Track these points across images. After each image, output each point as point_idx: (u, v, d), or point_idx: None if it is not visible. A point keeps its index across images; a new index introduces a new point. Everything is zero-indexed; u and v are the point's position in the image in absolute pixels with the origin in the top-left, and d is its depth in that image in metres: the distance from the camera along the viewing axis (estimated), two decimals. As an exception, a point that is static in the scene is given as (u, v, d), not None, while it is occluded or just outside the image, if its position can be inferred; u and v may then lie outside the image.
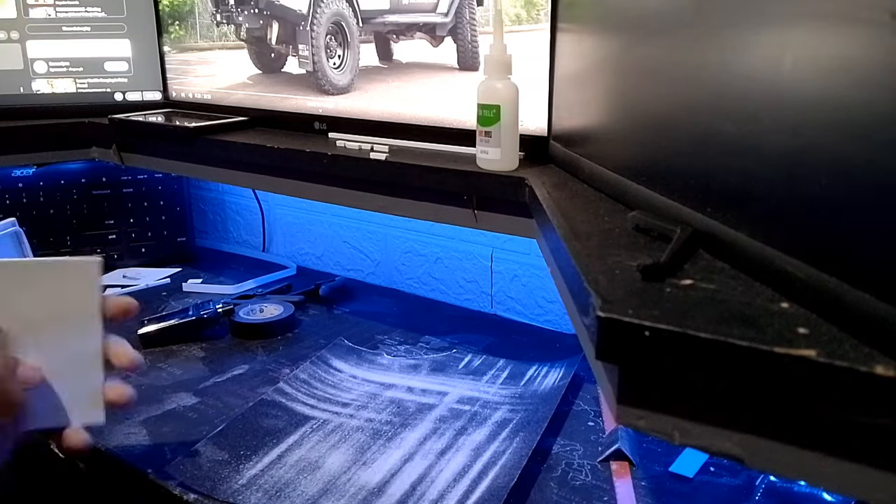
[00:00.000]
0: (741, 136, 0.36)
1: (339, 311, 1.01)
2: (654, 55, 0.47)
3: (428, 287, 1.11)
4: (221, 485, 0.60)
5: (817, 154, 0.31)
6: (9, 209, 1.08)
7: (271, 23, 0.89)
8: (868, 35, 0.28)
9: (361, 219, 1.16)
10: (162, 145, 0.93)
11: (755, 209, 0.36)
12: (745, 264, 0.36)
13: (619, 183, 0.51)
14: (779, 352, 0.28)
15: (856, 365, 0.26)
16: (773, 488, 0.60)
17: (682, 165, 0.43)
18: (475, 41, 0.73)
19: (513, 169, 0.65)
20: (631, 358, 0.33)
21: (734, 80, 0.37)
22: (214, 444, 0.66)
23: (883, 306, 0.27)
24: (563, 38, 0.65)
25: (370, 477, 0.61)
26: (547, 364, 0.82)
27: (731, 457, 0.31)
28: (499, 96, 0.63)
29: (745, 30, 0.36)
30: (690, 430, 0.32)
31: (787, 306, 0.32)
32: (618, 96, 0.53)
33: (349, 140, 0.80)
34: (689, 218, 0.41)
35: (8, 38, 0.97)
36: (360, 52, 0.82)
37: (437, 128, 0.76)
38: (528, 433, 0.67)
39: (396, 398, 0.75)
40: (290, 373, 0.80)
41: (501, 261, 1.01)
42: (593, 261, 0.40)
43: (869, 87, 0.28)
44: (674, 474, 0.63)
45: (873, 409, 0.26)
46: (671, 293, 0.35)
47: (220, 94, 0.97)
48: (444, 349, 0.87)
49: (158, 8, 1.00)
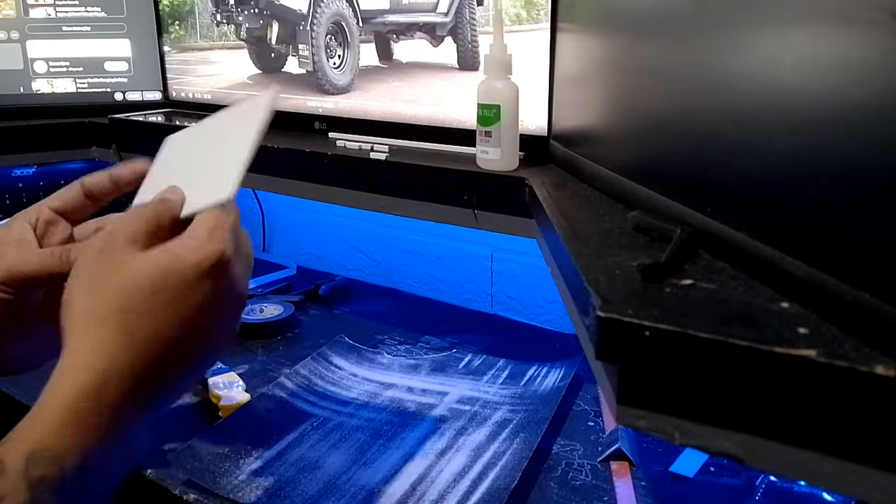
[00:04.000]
0: (741, 135, 0.36)
1: (339, 311, 1.01)
2: (655, 55, 0.47)
3: (428, 287, 1.11)
4: (221, 480, 0.60)
5: (817, 154, 0.31)
6: (9, 209, 1.08)
7: (271, 23, 0.89)
8: (868, 35, 0.28)
9: (361, 219, 1.16)
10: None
11: (755, 209, 0.36)
12: (745, 264, 0.36)
13: (619, 183, 0.51)
14: (779, 352, 0.28)
15: (856, 365, 0.26)
16: (773, 488, 0.60)
17: (682, 165, 0.43)
18: (475, 41, 0.73)
19: (513, 169, 0.65)
20: (631, 358, 0.33)
21: (734, 80, 0.37)
22: (214, 440, 0.66)
23: (883, 306, 0.27)
24: (563, 38, 0.65)
25: (370, 477, 0.61)
26: (547, 364, 0.82)
27: (731, 457, 0.31)
28: (499, 96, 0.63)
29: (745, 30, 0.36)
30: (690, 430, 0.32)
31: (787, 306, 0.32)
32: (618, 96, 0.53)
33: (349, 140, 0.80)
34: (689, 218, 0.41)
35: (8, 38, 0.97)
36: (360, 51, 0.82)
37: (437, 128, 0.76)
38: (528, 433, 0.67)
39: (396, 398, 0.75)
40: (291, 369, 0.80)
41: (501, 261, 1.01)
42: (593, 261, 0.40)
43: (869, 87, 0.28)
44: (674, 474, 0.63)
45: (873, 409, 0.26)
46: (671, 293, 0.35)
47: (220, 93, 0.97)
48: (444, 349, 0.87)
49: (158, 8, 1.00)
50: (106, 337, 0.37)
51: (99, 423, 0.36)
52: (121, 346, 0.37)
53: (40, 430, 0.35)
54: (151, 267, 0.38)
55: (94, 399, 0.36)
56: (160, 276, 0.38)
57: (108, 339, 0.37)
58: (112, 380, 0.36)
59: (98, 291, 0.38)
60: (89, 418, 0.36)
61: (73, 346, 0.37)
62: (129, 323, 0.37)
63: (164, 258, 0.39)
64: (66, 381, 0.36)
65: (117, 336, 0.37)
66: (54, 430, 0.35)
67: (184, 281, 0.38)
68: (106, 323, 0.37)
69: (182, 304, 0.38)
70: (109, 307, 0.38)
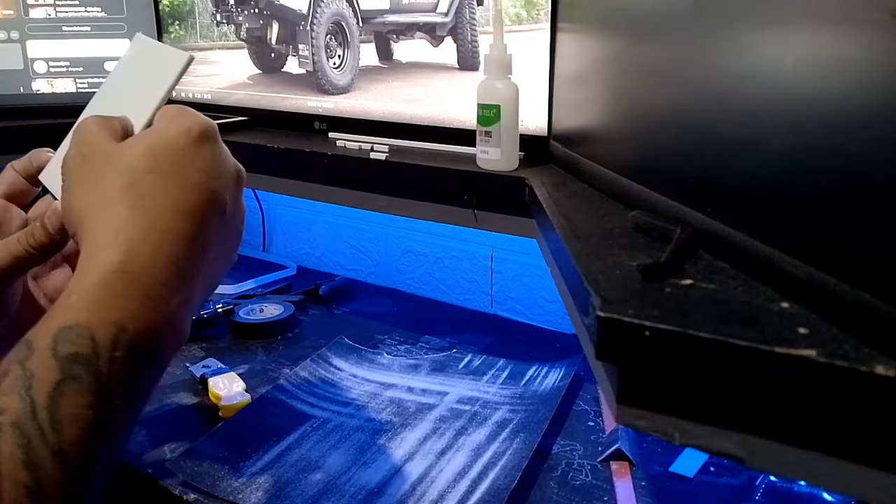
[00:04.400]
0: (741, 135, 0.36)
1: (339, 311, 1.01)
2: (655, 55, 0.47)
3: (428, 287, 1.11)
4: (221, 483, 0.60)
5: (817, 154, 0.31)
6: (9, 209, 1.07)
7: (271, 23, 0.89)
8: (868, 35, 0.28)
9: (361, 219, 1.16)
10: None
11: (755, 209, 0.36)
12: (745, 264, 0.36)
13: (619, 183, 0.51)
14: (779, 352, 0.28)
15: (856, 365, 0.26)
16: (773, 488, 0.60)
17: (683, 165, 0.43)
18: (475, 41, 0.73)
19: (513, 169, 0.65)
20: (631, 358, 0.33)
21: (734, 80, 0.37)
22: (215, 441, 0.66)
23: (883, 306, 0.27)
24: (563, 38, 0.65)
25: (370, 477, 0.61)
26: (547, 364, 0.82)
27: (731, 457, 0.31)
28: (499, 96, 0.63)
29: (744, 30, 0.36)
30: (690, 430, 0.32)
31: (787, 306, 0.32)
32: (618, 96, 0.53)
33: (349, 140, 0.80)
34: (689, 218, 0.41)
35: (8, 38, 0.97)
36: (360, 51, 0.82)
37: (437, 128, 0.76)
38: (528, 434, 0.67)
39: (396, 398, 0.75)
40: (291, 370, 0.80)
41: (501, 261, 1.01)
42: (593, 261, 0.40)
43: (869, 87, 0.28)
44: (674, 474, 0.63)
45: (873, 409, 0.26)
46: (671, 293, 0.35)
47: (220, 93, 0.97)
48: (444, 349, 0.87)
49: (158, 8, 1.00)
50: (121, 215, 0.36)
51: (130, 295, 0.34)
52: (139, 220, 0.36)
53: (67, 310, 0.33)
54: (143, 146, 0.38)
55: (121, 272, 0.34)
56: (157, 149, 0.38)
57: (124, 217, 0.36)
58: (137, 252, 0.35)
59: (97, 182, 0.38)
60: (119, 292, 0.34)
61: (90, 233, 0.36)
62: (139, 197, 0.36)
63: (151, 137, 0.38)
64: (91, 264, 0.35)
65: (133, 213, 0.36)
66: (83, 307, 0.33)
67: (179, 148, 0.38)
68: (118, 204, 0.36)
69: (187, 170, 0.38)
70: (117, 189, 0.37)
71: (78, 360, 0.32)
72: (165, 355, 0.36)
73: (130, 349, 0.33)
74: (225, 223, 0.40)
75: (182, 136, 0.38)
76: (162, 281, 0.35)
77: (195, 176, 0.38)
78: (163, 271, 0.36)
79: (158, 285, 0.35)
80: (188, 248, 0.37)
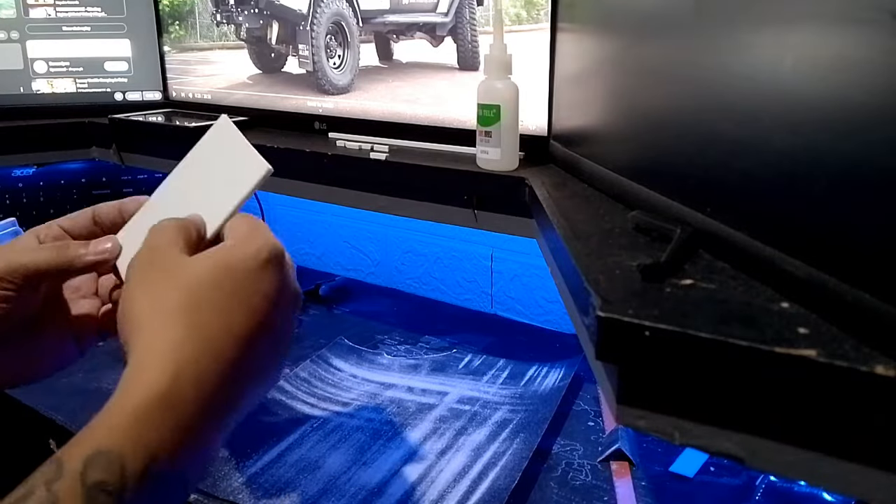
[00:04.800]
0: (741, 135, 0.36)
1: (339, 311, 1.01)
2: (655, 55, 0.47)
3: (428, 287, 1.11)
4: (221, 482, 0.60)
5: (817, 154, 0.31)
6: (9, 209, 1.08)
7: (271, 23, 0.89)
8: (868, 35, 0.28)
9: (361, 219, 1.16)
10: (162, 145, 0.93)
11: (755, 209, 0.36)
12: (745, 264, 0.36)
13: (619, 183, 0.51)
14: (779, 352, 0.28)
15: (856, 365, 0.26)
16: (773, 488, 0.60)
17: (683, 165, 0.43)
18: (475, 41, 0.73)
19: (513, 169, 0.65)
20: (631, 358, 0.33)
21: (734, 80, 0.37)
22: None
23: (883, 306, 0.27)
24: (563, 38, 0.65)
25: (370, 477, 0.61)
26: (547, 364, 0.82)
27: (731, 457, 0.31)
28: (499, 96, 0.63)
29: (745, 30, 0.36)
30: (690, 430, 0.32)
31: (787, 306, 0.32)
32: (618, 96, 0.53)
33: (349, 140, 0.80)
34: (689, 218, 0.41)
35: (8, 38, 0.97)
36: (360, 51, 0.82)
37: (437, 128, 0.76)
38: (528, 434, 0.67)
39: (396, 398, 0.75)
40: (291, 371, 0.80)
41: (501, 261, 1.01)
42: (593, 261, 0.40)
43: (869, 87, 0.28)
44: (674, 474, 0.63)
45: (873, 409, 0.26)
46: (671, 293, 0.35)
47: (220, 94, 0.97)
48: (444, 349, 0.87)
49: (158, 8, 1.00)
50: (176, 336, 0.35)
51: (168, 425, 0.33)
52: (192, 343, 0.35)
53: (103, 432, 0.33)
54: (210, 264, 0.37)
55: (164, 398, 0.33)
56: (222, 270, 0.37)
57: (179, 339, 0.35)
58: (184, 378, 0.34)
59: (160, 293, 0.37)
60: (158, 420, 0.33)
61: (141, 347, 0.35)
62: (198, 319, 0.36)
63: (220, 254, 0.38)
64: (134, 383, 0.34)
65: (188, 333, 0.35)
66: (118, 433, 0.32)
67: (247, 270, 0.37)
68: (174, 322, 0.36)
69: (250, 294, 0.37)
70: (176, 306, 0.36)
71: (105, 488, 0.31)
72: (192, 479, 0.36)
73: (159, 477, 0.33)
74: (276, 350, 0.40)
75: (251, 259, 0.38)
76: (202, 410, 0.35)
77: (256, 301, 0.37)
78: (205, 400, 0.35)
79: (199, 414, 0.35)
80: (234, 378, 0.36)
